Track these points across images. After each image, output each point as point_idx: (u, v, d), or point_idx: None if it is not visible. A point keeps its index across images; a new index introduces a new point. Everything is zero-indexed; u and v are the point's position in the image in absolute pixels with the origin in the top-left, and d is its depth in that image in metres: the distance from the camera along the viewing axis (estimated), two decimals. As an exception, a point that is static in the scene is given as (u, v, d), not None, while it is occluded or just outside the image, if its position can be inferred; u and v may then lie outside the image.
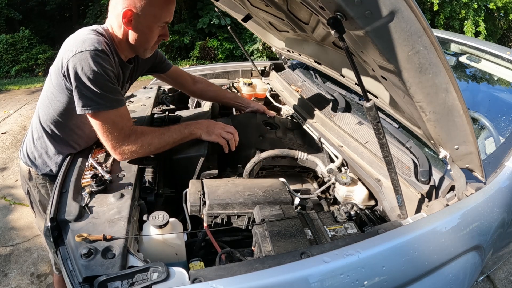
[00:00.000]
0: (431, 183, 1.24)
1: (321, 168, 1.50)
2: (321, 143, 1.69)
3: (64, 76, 1.13)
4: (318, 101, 1.96)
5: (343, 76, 1.67)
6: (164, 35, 1.28)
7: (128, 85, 1.52)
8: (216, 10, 2.18)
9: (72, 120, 1.27)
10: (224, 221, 1.21)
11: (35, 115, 1.35)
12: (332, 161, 1.59)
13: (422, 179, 1.25)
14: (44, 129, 1.32)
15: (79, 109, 1.13)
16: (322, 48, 1.76)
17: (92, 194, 1.11)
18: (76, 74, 1.09)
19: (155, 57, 1.62)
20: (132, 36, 1.22)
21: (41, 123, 1.31)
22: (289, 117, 2.13)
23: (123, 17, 1.15)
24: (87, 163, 1.27)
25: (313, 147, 1.69)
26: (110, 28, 1.25)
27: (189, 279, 0.82)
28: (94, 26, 1.25)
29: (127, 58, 1.35)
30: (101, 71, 1.10)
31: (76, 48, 1.10)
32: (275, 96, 2.37)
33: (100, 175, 1.16)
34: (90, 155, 1.32)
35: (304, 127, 1.87)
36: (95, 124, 1.17)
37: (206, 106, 1.99)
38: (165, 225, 1.03)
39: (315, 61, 1.91)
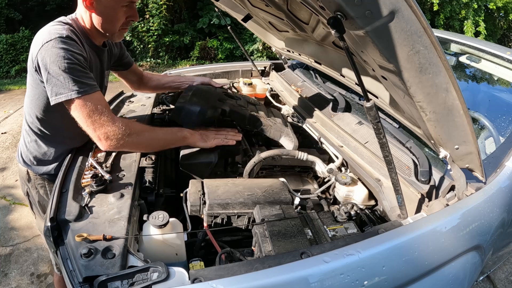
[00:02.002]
0: (431, 183, 1.24)
1: (320, 167, 1.50)
2: (321, 143, 1.69)
3: (36, 70, 1.14)
4: (318, 101, 1.96)
5: (343, 76, 1.67)
6: (132, 15, 1.24)
7: (107, 74, 1.52)
8: (216, 10, 2.18)
9: (55, 117, 1.25)
10: (224, 221, 1.21)
11: (24, 117, 1.35)
12: (331, 160, 1.59)
13: (422, 179, 1.25)
14: (32, 130, 1.32)
15: (52, 99, 1.10)
16: (322, 48, 1.76)
17: (92, 194, 1.11)
18: (44, 64, 1.09)
19: (121, 47, 1.60)
20: (96, 20, 1.20)
21: (28, 125, 1.32)
22: (289, 117, 2.13)
23: (83, 0, 1.15)
24: (87, 163, 1.27)
25: (278, 116, 1.69)
26: (79, 17, 1.24)
27: (189, 279, 0.82)
28: (61, 18, 1.25)
29: (101, 43, 1.34)
30: (68, 55, 1.09)
31: (42, 40, 1.10)
32: (275, 96, 2.37)
33: (100, 175, 1.16)
34: (90, 155, 1.32)
35: (304, 127, 1.87)
36: (73, 112, 1.13)
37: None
38: (165, 225, 1.03)
39: (315, 61, 1.91)
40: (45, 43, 1.09)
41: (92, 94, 1.13)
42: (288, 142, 1.44)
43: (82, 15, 1.23)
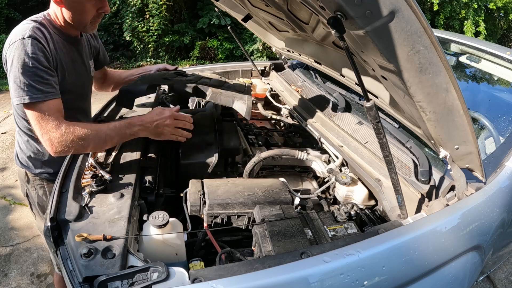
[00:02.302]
0: (431, 183, 1.24)
1: (320, 167, 1.50)
2: (321, 143, 1.69)
3: (6, 70, 1.16)
4: (318, 101, 1.95)
5: (343, 76, 1.67)
6: (103, 7, 1.24)
7: (98, 57, 1.55)
8: (216, 10, 2.17)
9: None
10: (224, 221, 1.21)
11: (14, 119, 1.38)
12: (332, 161, 1.58)
13: (422, 179, 1.25)
14: (23, 131, 1.34)
15: (14, 100, 1.13)
16: (322, 48, 1.76)
17: (92, 194, 1.11)
18: (9, 65, 1.12)
19: (100, 44, 1.61)
20: (66, 14, 1.22)
21: (18, 126, 1.34)
22: (289, 117, 2.13)
23: None
24: (87, 163, 1.27)
25: (238, 88, 1.69)
26: (52, 12, 1.26)
27: (189, 279, 0.82)
28: (35, 15, 1.27)
29: (78, 34, 1.36)
30: (28, 59, 1.10)
31: (10, 41, 1.13)
32: (275, 96, 2.37)
33: (100, 175, 1.16)
34: (90, 154, 1.32)
35: (304, 127, 1.87)
36: (27, 115, 1.15)
37: (209, 106, 1.98)
38: (165, 225, 1.03)
39: (315, 61, 1.91)
40: (11, 44, 1.12)
41: (45, 101, 1.13)
42: (241, 105, 1.37)
43: (55, 10, 1.25)
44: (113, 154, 1.32)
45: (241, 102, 1.39)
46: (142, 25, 6.84)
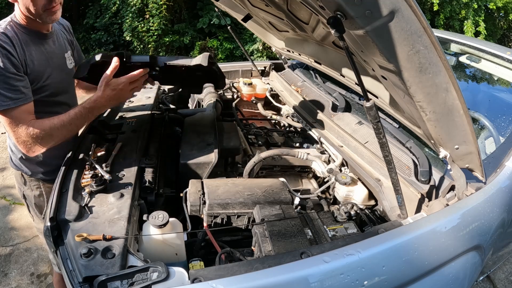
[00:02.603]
0: (431, 183, 1.24)
1: (320, 167, 1.50)
2: (321, 143, 1.69)
3: None
4: (318, 101, 1.95)
5: (343, 76, 1.67)
6: None
7: (72, 52, 1.51)
8: (216, 10, 2.18)
9: None
10: (224, 221, 1.21)
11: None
12: (332, 161, 1.58)
13: (422, 179, 1.25)
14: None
15: None
16: (322, 48, 1.76)
17: (92, 194, 1.11)
18: None
19: (74, 43, 1.58)
20: (22, 7, 1.21)
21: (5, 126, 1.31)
22: (289, 117, 2.13)
23: None
24: (87, 163, 1.27)
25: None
26: (16, 12, 1.26)
27: (189, 279, 0.82)
28: (2, 20, 1.26)
29: (47, 28, 1.34)
30: None
31: None
32: (275, 96, 2.37)
33: (100, 175, 1.16)
34: (90, 154, 1.32)
35: (304, 127, 1.87)
36: (0, 120, 1.18)
37: (209, 106, 1.98)
38: (165, 225, 1.03)
39: (315, 61, 1.91)
40: None
41: (15, 108, 1.15)
42: (198, 58, 1.34)
43: (15, 8, 1.25)
44: (113, 154, 1.32)
45: (198, 57, 1.36)
46: (142, 25, 6.84)
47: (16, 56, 1.17)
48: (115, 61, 1.24)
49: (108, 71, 1.23)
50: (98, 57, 1.26)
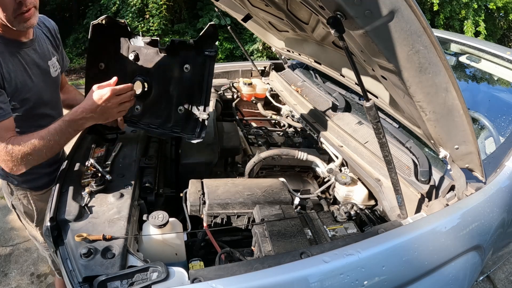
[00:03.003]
0: (431, 183, 1.24)
1: (320, 167, 1.50)
2: (321, 143, 1.69)
3: None
4: (318, 101, 1.95)
5: (343, 76, 1.67)
6: None
7: (58, 57, 1.40)
8: (216, 10, 2.17)
9: None
10: (224, 221, 1.21)
11: None
12: (331, 160, 1.58)
13: (422, 179, 1.25)
14: None
15: None
16: (322, 48, 1.76)
17: (92, 194, 1.11)
18: None
19: (59, 49, 1.45)
20: None
21: None
22: (289, 117, 2.13)
23: None
24: (87, 163, 1.27)
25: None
26: None
27: (189, 279, 0.82)
28: None
29: (26, 35, 1.23)
30: None
31: None
32: (275, 96, 2.37)
33: (100, 175, 1.16)
34: (90, 154, 1.32)
35: (304, 127, 1.87)
36: None
37: (210, 106, 1.98)
38: (165, 225, 1.03)
39: (315, 61, 1.91)
40: None
41: None
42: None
43: None
44: (113, 154, 1.32)
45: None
46: (142, 25, 6.84)
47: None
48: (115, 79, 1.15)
49: (113, 80, 1.15)
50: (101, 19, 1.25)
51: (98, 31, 1.31)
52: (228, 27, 2.32)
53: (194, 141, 1.27)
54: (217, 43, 1.20)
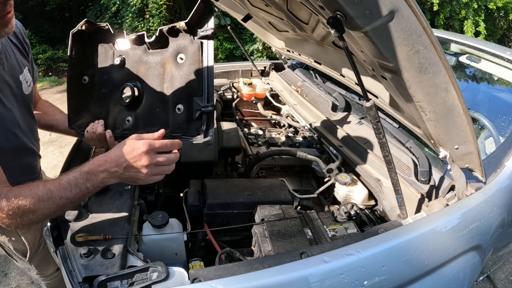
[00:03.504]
0: (431, 183, 1.24)
1: (320, 167, 1.50)
2: (321, 143, 1.69)
3: None
4: (318, 101, 1.96)
5: (343, 76, 1.67)
6: None
7: (29, 68, 1.16)
8: (216, 10, 2.17)
9: None
10: (224, 221, 1.21)
11: None
12: (331, 160, 1.58)
13: (422, 179, 1.25)
14: None
15: None
16: (322, 48, 1.76)
17: (92, 194, 1.10)
18: None
19: (29, 56, 1.19)
20: None
21: None
22: (289, 117, 2.13)
23: None
24: (90, 156, 1.27)
25: None
26: None
27: (189, 279, 0.82)
28: None
29: None
30: None
31: None
32: (275, 96, 2.37)
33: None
34: (90, 154, 1.32)
35: (304, 127, 1.87)
36: None
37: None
38: (164, 225, 1.03)
39: (315, 61, 1.91)
40: None
41: None
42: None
43: None
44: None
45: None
46: (142, 25, 6.84)
47: None
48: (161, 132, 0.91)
49: (158, 133, 0.90)
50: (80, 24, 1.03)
51: (79, 40, 1.15)
52: (228, 27, 2.32)
53: (201, 141, 1.03)
54: (213, 19, 0.99)
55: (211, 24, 1.00)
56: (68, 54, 1.16)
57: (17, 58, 1.09)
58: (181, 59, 1.08)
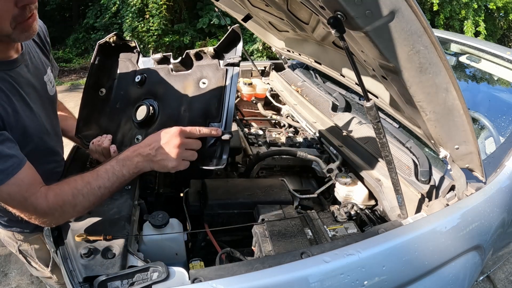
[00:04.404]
0: (431, 183, 1.24)
1: (321, 167, 1.50)
2: (321, 143, 1.69)
3: None
4: (318, 101, 1.96)
5: (343, 76, 1.67)
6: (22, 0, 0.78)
7: (52, 67, 1.15)
8: (216, 10, 2.17)
9: None
10: (224, 221, 1.21)
11: None
12: (331, 160, 1.58)
13: (422, 179, 1.25)
14: None
15: None
16: (322, 48, 1.76)
17: (92, 194, 1.10)
18: None
19: (49, 58, 1.17)
20: None
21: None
22: (289, 117, 2.13)
23: None
24: (87, 163, 1.27)
25: None
26: None
27: (189, 279, 0.82)
28: None
29: (18, 50, 0.96)
30: None
31: None
32: (275, 96, 2.37)
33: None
34: (87, 161, 1.32)
35: (304, 126, 1.87)
36: None
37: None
38: (165, 225, 1.04)
39: (315, 61, 1.91)
40: None
41: (9, 180, 0.79)
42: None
43: None
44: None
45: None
46: (142, 25, 6.84)
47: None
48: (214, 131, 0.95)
49: (189, 128, 0.93)
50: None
51: (103, 51, 1.17)
52: (228, 27, 2.32)
53: (212, 168, 1.00)
54: (241, 45, 1.00)
55: (239, 51, 1.01)
56: (91, 61, 1.18)
57: (40, 58, 1.08)
58: (204, 83, 1.07)
